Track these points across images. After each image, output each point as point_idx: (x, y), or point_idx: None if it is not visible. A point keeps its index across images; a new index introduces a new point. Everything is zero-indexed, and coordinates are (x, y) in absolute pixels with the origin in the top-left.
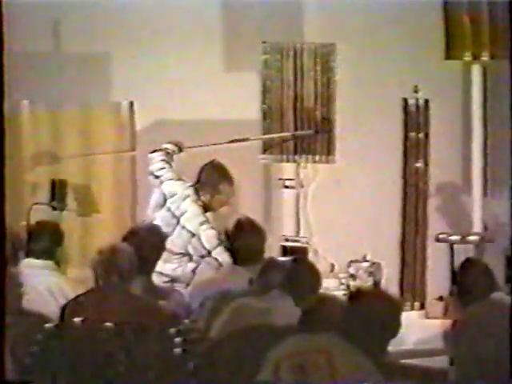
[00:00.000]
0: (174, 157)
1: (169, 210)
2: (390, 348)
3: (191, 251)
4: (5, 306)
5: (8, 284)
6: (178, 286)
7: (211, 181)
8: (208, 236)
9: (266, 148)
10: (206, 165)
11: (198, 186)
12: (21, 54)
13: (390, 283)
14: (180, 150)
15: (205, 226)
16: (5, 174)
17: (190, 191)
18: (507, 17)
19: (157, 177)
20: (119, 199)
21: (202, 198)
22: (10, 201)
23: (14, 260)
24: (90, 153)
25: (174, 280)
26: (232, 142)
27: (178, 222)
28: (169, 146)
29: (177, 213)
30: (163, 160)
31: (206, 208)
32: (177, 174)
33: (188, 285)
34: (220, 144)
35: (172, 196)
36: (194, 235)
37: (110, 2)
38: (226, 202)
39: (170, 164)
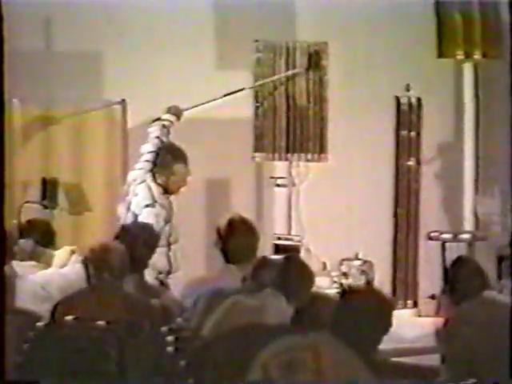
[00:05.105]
0: (171, 129)
1: (127, 195)
2: (383, 346)
3: None
4: (5, 306)
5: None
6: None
7: (165, 163)
8: (144, 218)
9: (259, 146)
10: (160, 148)
11: (155, 169)
12: (11, 52)
13: (383, 281)
14: (178, 118)
15: (148, 209)
16: (5, 175)
17: (147, 176)
18: (499, 16)
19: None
20: (111, 197)
21: (159, 180)
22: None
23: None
24: (81, 151)
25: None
26: (226, 95)
27: (130, 207)
28: (167, 116)
29: (130, 197)
30: (157, 137)
31: (165, 190)
32: (149, 164)
33: (169, 272)
34: (215, 100)
35: (133, 182)
36: (136, 217)
37: (101, 1)
38: (183, 183)
39: (159, 145)
